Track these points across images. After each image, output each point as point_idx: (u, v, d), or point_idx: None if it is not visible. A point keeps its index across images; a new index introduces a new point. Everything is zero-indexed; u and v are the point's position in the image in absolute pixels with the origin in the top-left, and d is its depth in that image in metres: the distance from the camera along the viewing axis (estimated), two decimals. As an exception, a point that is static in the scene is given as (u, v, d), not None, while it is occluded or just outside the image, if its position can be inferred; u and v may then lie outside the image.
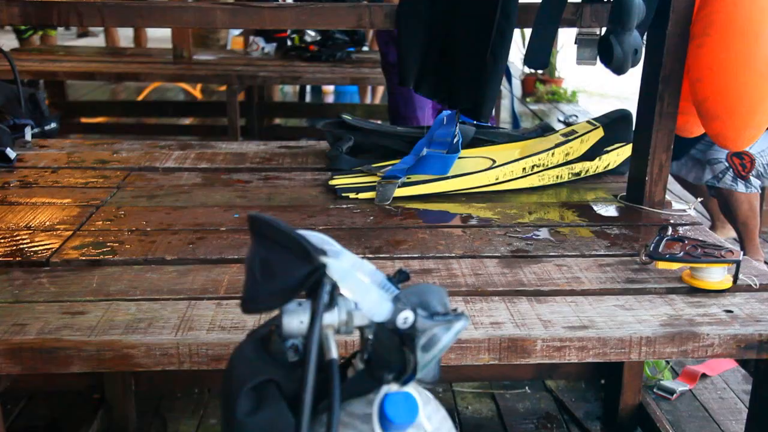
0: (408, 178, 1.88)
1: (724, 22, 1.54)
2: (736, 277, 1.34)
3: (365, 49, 5.25)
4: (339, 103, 6.56)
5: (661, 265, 1.38)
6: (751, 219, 3.00)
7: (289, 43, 4.90)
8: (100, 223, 1.63)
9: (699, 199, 1.91)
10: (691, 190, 3.24)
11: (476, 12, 1.74)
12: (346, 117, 2.19)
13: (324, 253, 0.75)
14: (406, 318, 0.75)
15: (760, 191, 3.03)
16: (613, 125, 1.99)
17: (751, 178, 2.92)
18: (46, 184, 1.89)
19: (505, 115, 6.10)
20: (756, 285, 1.35)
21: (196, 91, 6.89)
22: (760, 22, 1.53)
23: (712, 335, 1.20)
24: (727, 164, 2.91)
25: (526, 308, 1.28)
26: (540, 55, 1.75)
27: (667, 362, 2.41)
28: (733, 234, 3.20)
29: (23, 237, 1.54)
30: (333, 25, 1.84)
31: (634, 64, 1.60)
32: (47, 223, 1.61)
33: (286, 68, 4.30)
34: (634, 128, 1.84)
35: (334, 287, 0.76)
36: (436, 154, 1.94)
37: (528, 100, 7.28)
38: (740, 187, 2.92)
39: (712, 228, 3.17)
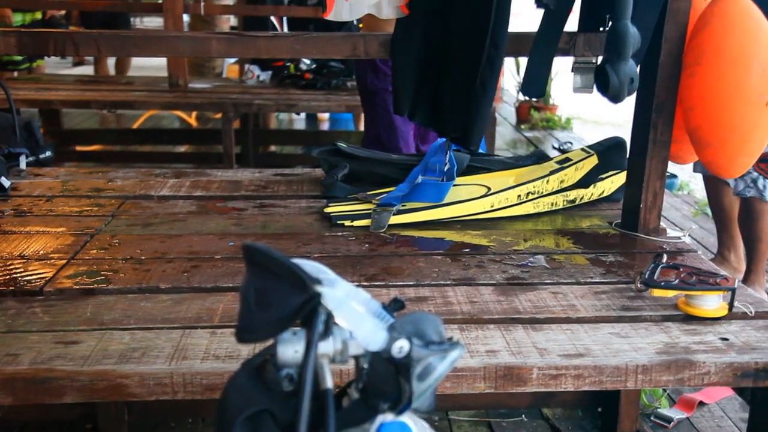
0: (403, 206, 1.88)
1: (715, 52, 1.56)
2: (731, 305, 1.34)
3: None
4: (334, 130, 6.59)
5: (657, 292, 1.38)
6: (767, 235, 2.96)
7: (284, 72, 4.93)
8: (95, 251, 1.63)
9: (692, 227, 1.92)
10: (715, 201, 3.18)
11: (466, 40, 1.75)
12: (341, 145, 2.20)
13: (319, 282, 0.75)
14: (401, 347, 0.75)
15: None
16: (608, 153, 2.00)
17: None
18: (40, 213, 1.89)
19: (500, 142, 6.13)
20: (751, 313, 1.35)
21: (192, 119, 6.91)
22: (750, 51, 1.55)
23: (708, 363, 1.20)
24: (757, 173, 2.86)
25: (521, 336, 1.28)
26: (537, 84, 1.77)
27: (664, 390, 2.40)
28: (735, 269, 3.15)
29: (17, 266, 1.53)
30: (328, 55, 1.85)
31: (630, 93, 1.61)
32: (41, 252, 1.61)
33: (282, 96, 4.31)
34: (628, 156, 1.85)
35: (329, 316, 0.76)
36: (431, 182, 1.94)
37: (523, 127, 7.32)
38: None
39: (713, 260, 3.13)
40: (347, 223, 1.83)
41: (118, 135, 5.99)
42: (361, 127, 6.23)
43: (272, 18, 5.64)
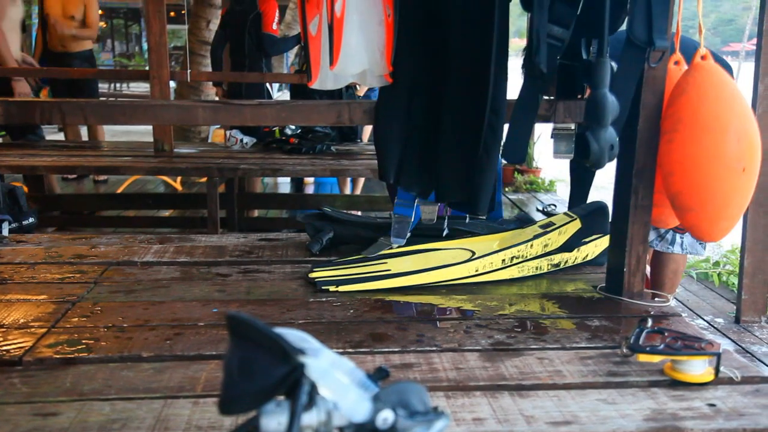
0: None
1: (692, 119, 1.59)
2: (717, 370, 1.33)
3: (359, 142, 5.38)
4: (319, 193, 6.63)
5: (642, 357, 1.37)
6: (671, 281, 3.06)
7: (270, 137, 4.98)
8: (76, 319, 1.61)
9: (677, 290, 1.93)
10: None
11: (464, 108, 1.79)
12: (326, 209, 2.21)
13: (302, 352, 0.75)
14: (385, 418, 0.75)
15: (689, 254, 3.10)
16: (590, 217, 2.02)
17: (686, 240, 2.99)
18: (21, 280, 1.87)
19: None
20: (737, 378, 1.34)
21: (177, 183, 6.93)
22: (725, 119, 1.59)
23: (696, 430, 1.19)
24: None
25: (508, 403, 1.27)
26: (518, 150, 1.79)
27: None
28: None
29: (-4, 335, 1.51)
30: (313, 122, 1.88)
31: (610, 159, 1.64)
32: (21, 321, 1.59)
33: (267, 161, 4.35)
34: (610, 220, 1.87)
35: (313, 387, 0.75)
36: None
37: (507, 189, 7.39)
38: (676, 248, 3.00)
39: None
40: (332, 288, 1.83)
41: (103, 200, 5.99)
42: (346, 191, 6.30)
43: (267, 84, 5.76)
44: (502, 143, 1.78)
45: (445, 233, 2.00)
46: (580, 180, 2.83)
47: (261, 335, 0.75)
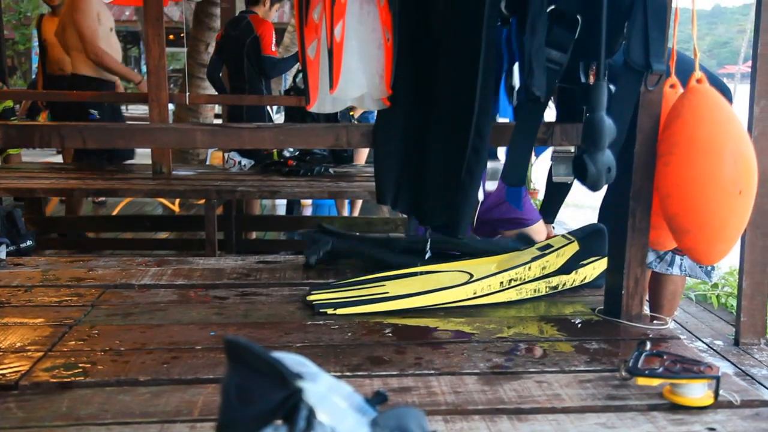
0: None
1: (688, 142, 1.60)
2: (716, 393, 1.33)
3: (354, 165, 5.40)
4: (317, 215, 6.64)
5: (641, 381, 1.37)
6: (670, 303, 3.06)
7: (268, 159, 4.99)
8: (73, 343, 1.60)
9: (675, 312, 1.92)
10: None
11: (450, 131, 1.79)
12: (326, 226, 2.23)
13: (300, 377, 0.74)
14: (384, 444, 0.74)
15: (689, 276, 3.11)
16: (588, 239, 2.02)
17: (685, 262, 2.99)
18: (18, 304, 1.87)
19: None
20: (737, 401, 1.34)
21: (175, 206, 6.94)
22: (721, 141, 1.59)
23: (696, 454, 1.19)
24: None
25: (507, 427, 1.26)
26: (517, 173, 1.80)
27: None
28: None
29: (-8, 359, 1.50)
30: (311, 145, 1.89)
31: (608, 181, 1.64)
32: (18, 345, 1.58)
33: (265, 183, 4.35)
34: (608, 243, 1.87)
35: (311, 412, 0.75)
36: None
37: (504, 211, 7.39)
38: (675, 270, 3.00)
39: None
40: (330, 311, 1.82)
41: (101, 222, 5.99)
42: (344, 213, 6.31)
43: (267, 107, 5.78)
44: (485, 166, 1.79)
45: (427, 256, 2.01)
46: (556, 191, 2.84)
47: (259, 359, 0.75)
